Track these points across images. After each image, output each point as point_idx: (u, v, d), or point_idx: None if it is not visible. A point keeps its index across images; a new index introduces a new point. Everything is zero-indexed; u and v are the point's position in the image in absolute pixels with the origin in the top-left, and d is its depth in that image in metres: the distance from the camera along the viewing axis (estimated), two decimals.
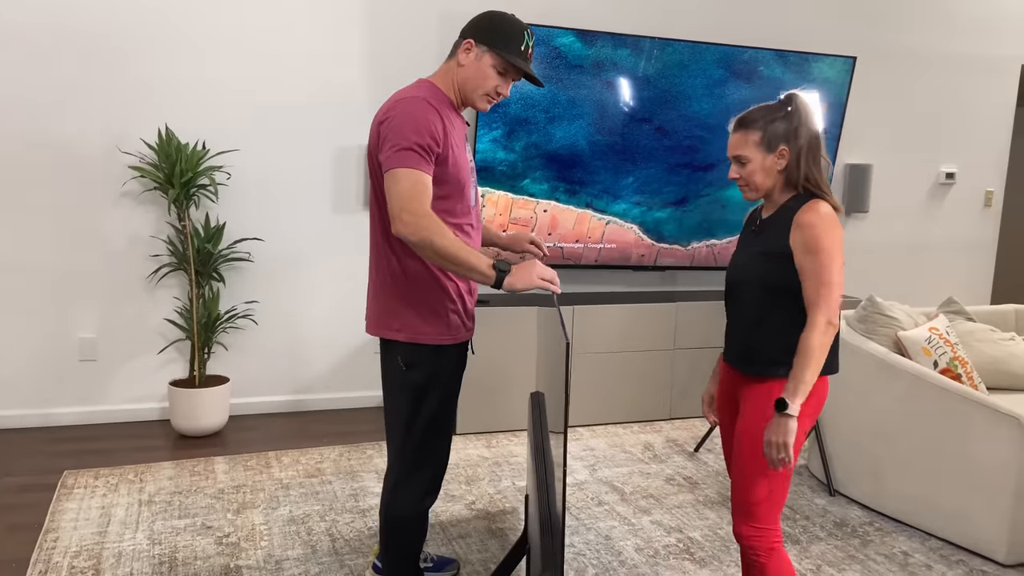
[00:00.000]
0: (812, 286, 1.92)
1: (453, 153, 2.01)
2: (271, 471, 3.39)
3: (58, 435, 3.71)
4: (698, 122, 4.36)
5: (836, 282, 1.91)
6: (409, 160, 1.91)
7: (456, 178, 2.04)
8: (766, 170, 2.02)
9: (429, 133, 1.93)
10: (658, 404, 4.30)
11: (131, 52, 3.70)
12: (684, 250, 4.54)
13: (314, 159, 4.05)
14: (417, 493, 2.13)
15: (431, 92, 2.03)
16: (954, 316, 3.66)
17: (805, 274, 1.93)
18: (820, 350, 1.89)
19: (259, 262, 4.04)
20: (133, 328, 3.88)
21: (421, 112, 1.94)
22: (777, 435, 1.89)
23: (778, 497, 2.00)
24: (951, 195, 5.44)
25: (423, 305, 2.06)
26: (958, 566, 2.82)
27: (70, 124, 3.66)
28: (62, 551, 2.65)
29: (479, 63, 2.04)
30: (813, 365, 1.88)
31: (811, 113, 2.01)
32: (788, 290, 1.97)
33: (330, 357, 4.23)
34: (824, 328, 1.89)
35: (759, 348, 2.02)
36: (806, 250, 1.92)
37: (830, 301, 1.90)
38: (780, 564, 2.00)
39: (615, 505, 3.21)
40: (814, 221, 1.93)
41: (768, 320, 2.00)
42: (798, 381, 1.88)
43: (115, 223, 3.79)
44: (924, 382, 3.00)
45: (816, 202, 1.98)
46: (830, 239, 1.92)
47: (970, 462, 2.88)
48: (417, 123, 1.93)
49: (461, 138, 2.09)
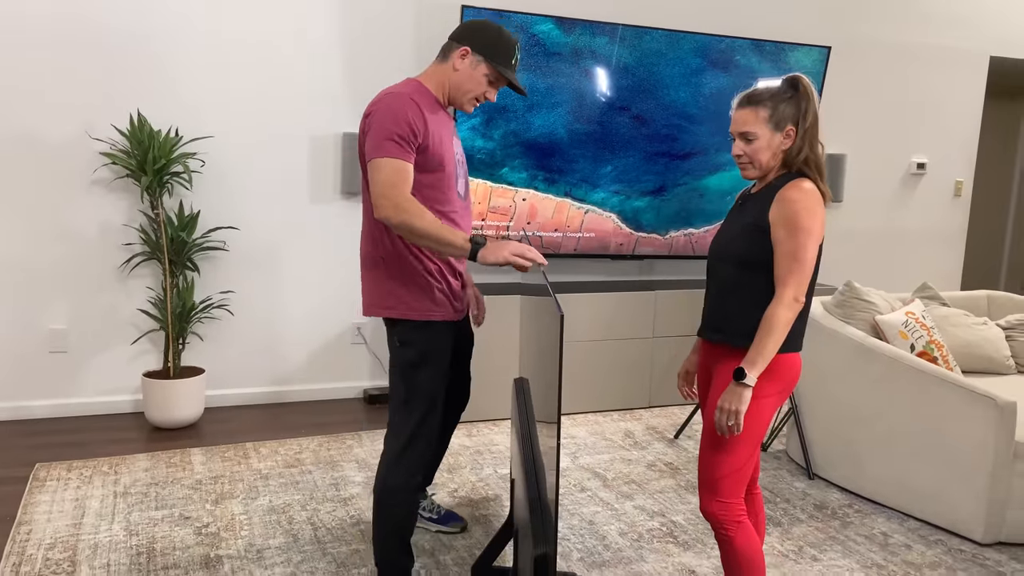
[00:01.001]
0: (784, 262, 1.93)
1: (436, 145, 2.15)
2: (249, 462, 3.34)
3: (29, 428, 3.62)
4: (676, 111, 4.38)
5: (808, 260, 1.93)
6: (390, 149, 2.06)
7: (441, 168, 2.19)
8: (772, 149, 2.02)
9: (408, 124, 2.08)
10: (638, 392, 4.31)
11: (101, 36, 3.62)
12: (662, 239, 4.55)
13: (290, 148, 4.00)
14: (409, 469, 2.21)
15: (416, 89, 2.17)
16: (929, 301, 3.71)
17: (779, 248, 1.95)
18: (783, 325, 1.92)
19: (234, 251, 3.98)
20: (105, 319, 3.80)
21: (401, 106, 2.09)
22: (729, 402, 1.94)
23: (742, 473, 2.03)
24: (922, 185, 5.52)
25: (411, 283, 2.21)
26: (936, 545, 2.86)
27: (39, 110, 3.57)
28: (36, 543, 2.59)
29: (473, 71, 2.21)
30: (775, 338, 1.92)
31: (815, 96, 2.02)
32: (762, 264, 1.98)
33: (307, 348, 4.18)
34: (789, 303, 1.92)
35: (728, 319, 2.04)
36: (783, 225, 1.94)
37: (800, 278, 1.92)
38: (748, 535, 2.05)
39: (598, 491, 3.20)
40: (796, 197, 1.94)
41: (739, 292, 2.02)
42: (757, 352, 1.93)
43: (86, 211, 3.70)
44: (901, 365, 3.04)
45: (802, 180, 1.99)
46: (809, 217, 1.93)
47: (947, 443, 2.92)
48: (397, 116, 2.08)
49: (447, 132, 2.23)
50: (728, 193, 4.64)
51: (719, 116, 4.47)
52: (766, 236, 1.97)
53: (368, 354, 4.31)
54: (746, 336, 2.00)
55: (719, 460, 2.02)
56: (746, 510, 2.08)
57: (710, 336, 2.09)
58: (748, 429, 2.00)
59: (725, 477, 2.02)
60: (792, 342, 2.01)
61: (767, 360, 1.93)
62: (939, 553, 2.80)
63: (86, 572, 2.43)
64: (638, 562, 2.65)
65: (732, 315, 2.03)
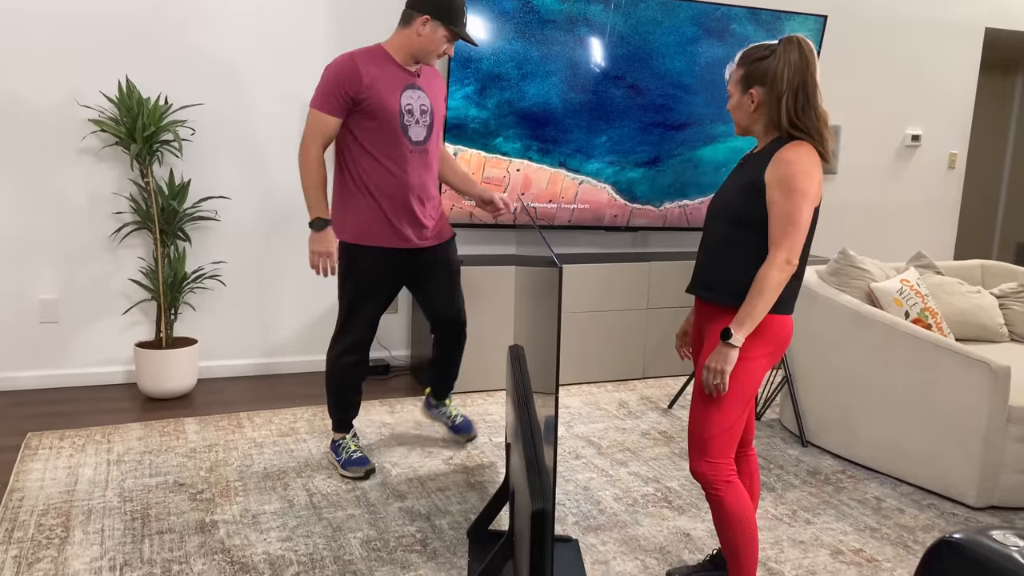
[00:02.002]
0: (778, 223, 1.91)
1: (376, 97, 2.63)
2: (243, 431, 3.33)
3: (20, 399, 3.59)
4: (671, 80, 4.34)
5: (803, 223, 1.91)
6: (316, 102, 2.65)
7: (381, 117, 2.66)
8: (741, 109, 2.04)
9: (337, 83, 2.61)
10: (632, 363, 4.31)
11: (89, 1, 3.56)
12: (657, 211, 4.53)
13: (280, 115, 3.95)
14: (336, 349, 2.87)
15: (366, 52, 2.67)
16: (924, 269, 3.71)
17: (773, 209, 1.92)
18: (774, 287, 1.90)
19: (226, 222, 3.94)
20: (96, 289, 3.77)
21: (336, 67, 2.63)
22: (716, 362, 1.94)
23: (732, 433, 2.03)
24: (917, 157, 5.51)
25: (351, 211, 2.76)
26: (929, 510, 2.88)
27: (25, 75, 3.52)
28: (28, 510, 2.58)
29: (433, 35, 2.67)
30: (764, 300, 1.90)
31: (803, 57, 1.95)
32: (755, 224, 1.96)
33: (300, 319, 4.16)
34: (781, 265, 1.90)
35: (718, 276, 2.03)
36: (778, 186, 1.91)
37: (793, 240, 1.90)
38: (737, 494, 2.05)
39: (592, 458, 3.21)
40: (792, 159, 1.92)
41: (731, 251, 2.01)
42: (747, 313, 1.92)
43: (75, 180, 3.66)
44: (896, 331, 3.04)
45: (800, 143, 1.96)
46: (805, 180, 1.90)
47: (941, 409, 2.93)
48: (330, 76, 2.63)
49: (395, 85, 2.68)
50: (723, 165, 4.62)
51: (714, 86, 4.44)
52: (761, 196, 1.95)
53: None
54: (734, 295, 1.99)
55: (708, 420, 2.02)
56: (736, 470, 2.08)
57: (700, 293, 2.09)
58: (737, 389, 1.99)
59: (714, 437, 2.02)
60: (784, 304, 2.00)
61: (755, 321, 1.92)
62: (932, 517, 2.82)
63: (80, 537, 2.42)
64: (633, 526, 2.66)
65: (722, 273, 2.02)
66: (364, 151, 2.70)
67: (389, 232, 2.75)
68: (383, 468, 3.02)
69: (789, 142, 1.97)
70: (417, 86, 2.75)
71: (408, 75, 2.72)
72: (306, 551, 2.41)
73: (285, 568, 2.31)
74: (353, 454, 2.95)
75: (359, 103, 2.63)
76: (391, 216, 2.74)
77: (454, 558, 2.40)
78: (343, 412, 2.97)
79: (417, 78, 2.76)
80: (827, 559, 2.50)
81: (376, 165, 2.71)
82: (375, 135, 2.67)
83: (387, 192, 2.72)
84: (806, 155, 1.93)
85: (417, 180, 2.77)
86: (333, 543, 2.46)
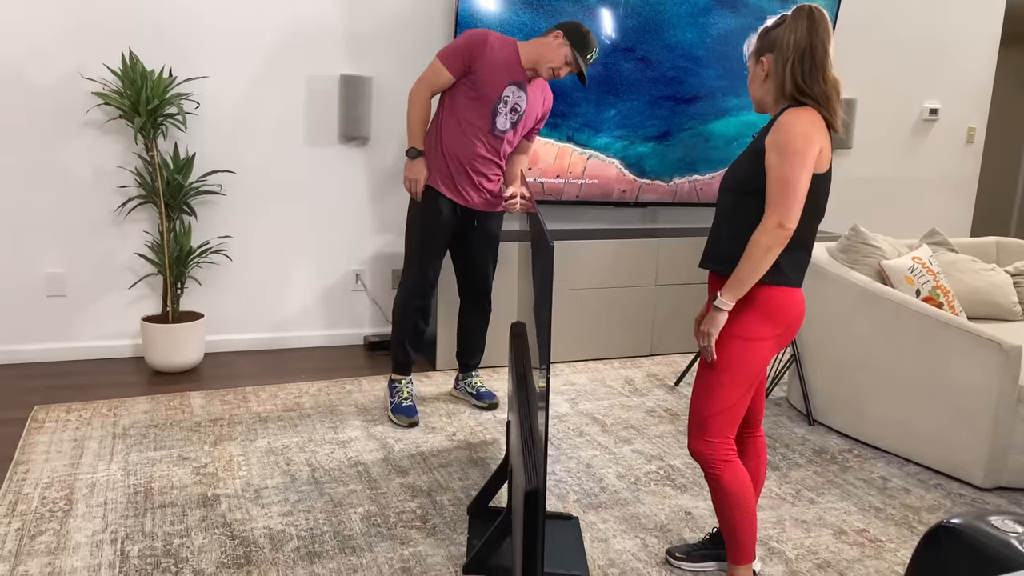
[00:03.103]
0: (774, 186, 1.86)
1: (484, 77, 2.95)
2: (248, 405, 3.34)
3: (28, 372, 3.62)
4: (682, 52, 4.26)
5: (799, 186, 1.85)
6: (442, 55, 2.99)
7: (482, 93, 2.97)
8: (755, 80, 2.01)
9: (466, 48, 2.95)
10: (639, 340, 4.28)
11: None
12: (666, 186, 4.48)
13: (286, 89, 3.92)
14: (404, 291, 3.16)
15: (503, 38, 3.01)
16: (937, 247, 3.65)
17: (770, 173, 1.88)
18: (763, 251, 1.86)
19: (231, 196, 3.92)
20: (103, 263, 3.77)
21: (471, 33, 2.98)
22: (705, 324, 1.95)
23: (733, 413, 2.00)
24: (934, 131, 5.41)
25: (429, 157, 3.10)
26: (936, 490, 2.84)
27: (28, 48, 3.50)
28: (33, 482, 2.60)
29: (559, 51, 2.97)
30: (752, 264, 1.86)
31: (813, 24, 1.89)
32: (757, 192, 1.92)
33: (307, 295, 4.15)
34: (773, 229, 1.85)
35: (718, 245, 2.01)
36: (775, 148, 1.87)
37: (787, 203, 1.85)
38: (735, 473, 2.02)
39: (596, 436, 3.20)
40: (791, 122, 1.87)
41: (734, 221, 1.97)
42: (735, 277, 1.89)
43: (79, 153, 3.65)
44: (906, 310, 2.99)
45: (804, 108, 1.90)
46: (803, 141, 1.84)
47: (950, 388, 2.89)
48: (462, 38, 2.98)
49: (503, 77, 2.98)
50: (735, 139, 4.54)
51: (726, 58, 4.36)
52: (761, 160, 1.91)
53: (368, 301, 4.28)
54: (732, 264, 1.96)
55: (709, 398, 2.00)
56: (735, 450, 2.05)
57: (704, 263, 2.06)
58: (740, 369, 1.96)
59: (713, 416, 2.00)
60: (788, 277, 1.95)
61: (743, 286, 1.88)
62: (938, 497, 2.79)
63: (82, 510, 2.44)
64: (634, 503, 2.65)
65: (725, 242, 1.99)
66: (453, 114, 3.02)
67: (451, 186, 3.07)
68: (386, 444, 3.02)
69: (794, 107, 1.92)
70: (523, 87, 3.03)
71: (521, 74, 3.01)
72: (306, 526, 2.41)
73: (285, 543, 2.32)
74: (404, 401, 3.22)
75: (472, 72, 2.96)
76: (454, 173, 3.06)
77: (453, 534, 2.40)
78: (403, 354, 3.23)
79: (528, 82, 3.03)
80: (829, 539, 2.48)
81: (459, 131, 3.02)
82: (468, 105, 2.99)
83: (457, 156, 3.04)
84: (807, 119, 1.87)
85: (483, 156, 3.05)
86: (333, 518, 2.46)
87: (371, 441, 3.03)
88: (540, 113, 3.16)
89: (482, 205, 3.16)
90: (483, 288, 3.29)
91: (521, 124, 3.09)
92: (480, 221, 3.19)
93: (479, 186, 3.11)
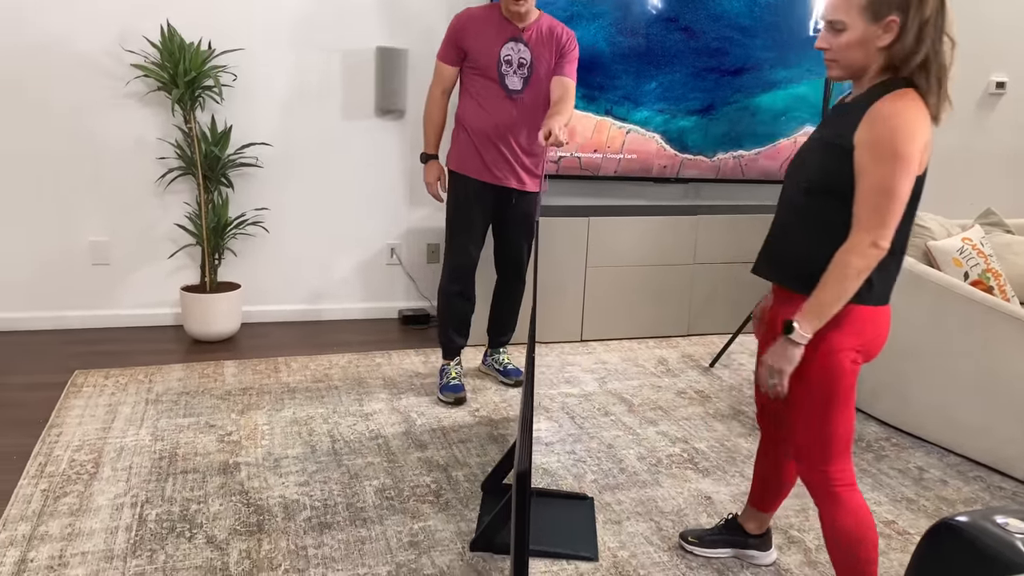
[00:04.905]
0: (868, 196, 1.53)
1: (476, 51, 2.95)
2: (279, 375, 3.38)
3: (71, 338, 3.74)
4: (728, 22, 4.11)
5: (900, 196, 1.53)
6: (438, 52, 3.06)
7: (482, 65, 2.96)
8: (865, 44, 1.58)
9: (448, 36, 3.00)
10: (676, 320, 4.19)
11: None
12: (709, 161, 4.34)
13: (322, 62, 3.91)
14: (446, 276, 3.16)
15: (483, 8, 2.98)
16: (991, 228, 3.45)
17: (863, 178, 1.54)
18: (853, 275, 1.55)
19: (268, 168, 3.96)
20: (144, 232, 3.86)
21: (452, 21, 3.00)
22: (774, 359, 1.63)
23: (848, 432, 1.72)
24: (1001, 106, 5.12)
25: (456, 142, 3.09)
26: (975, 482, 2.71)
27: (72, 21, 3.57)
28: (64, 445, 2.68)
29: None
30: (839, 289, 1.56)
31: None
32: (837, 193, 1.60)
33: (342, 267, 4.18)
34: (865, 250, 1.54)
35: (786, 255, 1.70)
36: (871, 147, 1.53)
37: (885, 219, 1.53)
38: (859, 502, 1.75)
39: (622, 416, 3.14)
40: (892, 114, 1.52)
41: (806, 224, 1.66)
42: (816, 303, 1.58)
43: (121, 124, 3.72)
44: (952, 294, 2.85)
45: (906, 92, 1.56)
46: (907, 141, 1.51)
47: (998, 377, 2.74)
48: (447, 29, 3.01)
49: (496, 38, 2.94)
50: (782, 113, 4.38)
51: (775, 28, 4.19)
52: (848, 159, 1.58)
53: (403, 275, 4.28)
54: (802, 280, 1.66)
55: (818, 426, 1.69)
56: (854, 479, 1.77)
57: (764, 271, 1.76)
58: (831, 390, 1.67)
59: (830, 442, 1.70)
60: (876, 295, 1.64)
61: (825, 315, 1.58)
62: (976, 490, 2.66)
63: (108, 473, 2.51)
64: (653, 486, 2.59)
65: (792, 251, 1.69)
66: (468, 94, 3.02)
67: (480, 166, 3.04)
68: (409, 417, 3.02)
69: (893, 90, 1.57)
70: (521, 39, 2.96)
71: (513, 29, 2.96)
72: (321, 496, 2.43)
73: (298, 512, 2.34)
74: (451, 381, 3.22)
75: (467, 53, 2.97)
76: (483, 152, 3.02)
77: (465, 510, 2.39)
78: (448, 339, 3.24)
79: (523, 32, 2.95)
80: None
81: (475, 106, 3.00)
82: (478, 81, 2.98)
83: (480, 131, 3.00)
84: (912, 108, 1.53)
85: (508, 125, 3.00)
86: (348, 490, 2.48)
87: (394, 415, 3.04)
88: (557, 50, 2.98)
89: (519, 182, 3.08)
90: (517, 266, 3.26)
91: (536, 76, 2.99)
92: (517, 199, 3.13)
93: (513, 160, 3.04)
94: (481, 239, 3.15)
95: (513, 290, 3.33)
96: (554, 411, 3.15)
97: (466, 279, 3.15)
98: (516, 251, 3.23)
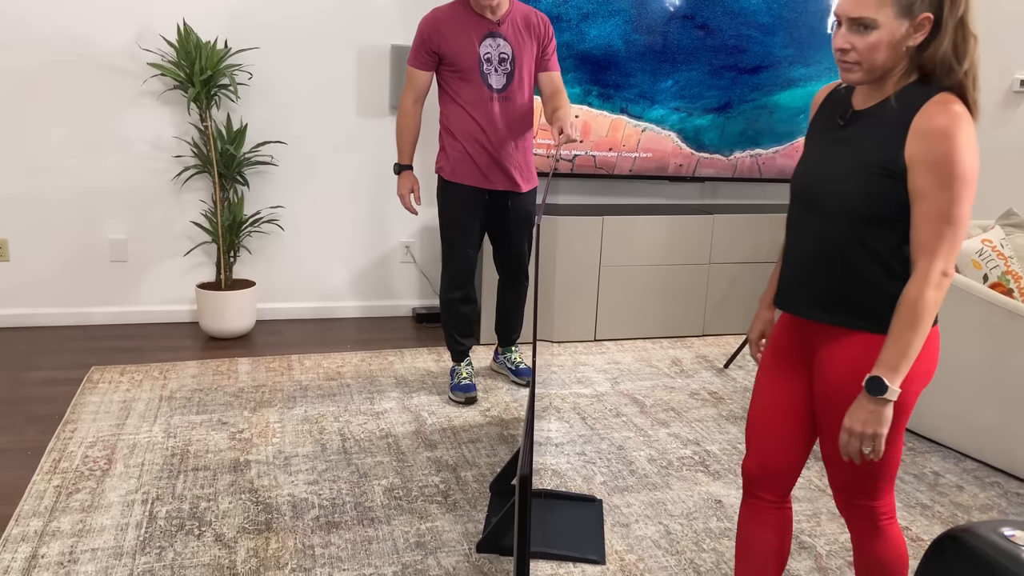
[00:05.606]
0: (930, 222, 1.39)
1: (452, 52, 2.85)
2: (292, 373, 3.40)
3: (89, 334, 3.78)
4: (745, 19, 4.07)
5: (964, 220, 1.40)
6: (408, 59, 2.95)
7: (462, 67, 2.86)
8: (895, 44, 1.42)
9: (421, 39, 2.88)
10: (691, 320, 4.16)
11: None
12: (726, 160, 4.30)
13: (337, 60, 3.92)
14: (444, 284, 3.14)
15: (451, 5, 2.88)
16: (1012, 229, 3.39)
17: (924, 203, 1.40)
18: (931, 311, 1.40)
19: (283, 167, 3.98)
20: (162, 230, 3.89)
21: (421, 24, 2.89)
22: (866, 424, 1.42)
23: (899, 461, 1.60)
24: None
25: (443, 148, 3.01)
26: (992, 488, 2.67)
27: (89, 19, 3.60)
28: (78, 441, 2.71)
29: None
30: (920, 328, 1.40)
31: None
32: (889, 219, 1.46)
33: (357, 265, 4.19)
34: (939, 281, 1.40)
35: (847, 295, 1.52)
36: (930, 169, 1.38)
37: (953, 246, 1.40)
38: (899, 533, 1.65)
39: (633, 417, 3.12)
40: (948, 129, 1.37)
41: (857, 258, 1.50)
42: (900, 353, 1.40)
43: (138, 122, 3.75)
44: (970, 296, 2.80)
45: (947, 98, 1.41)
46: (970, 159, 1.37)
47: (1015, 381, 2.69)
48: (416, 34, 2.90)
49: (472, 37, 2.85)
50: (800, 111, 4.33)
51: (794, 25, 4.14)
52: (900, 182, 1.43)
53: (417, 273, 4.29)
54: (870, 317, 1.50)
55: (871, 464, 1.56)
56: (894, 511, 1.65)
57: (815, 315, 1.55)
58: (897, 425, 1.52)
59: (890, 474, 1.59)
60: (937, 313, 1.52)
61: (912, 360, 1.42)
62: (993, 496, 2.61)
63: (120, 469, 2.53)
64: (663, 489, 2.58)
65: (852, 290, 1.51)
66: (451, 98, 2.93)
67: (472, 171, 2.96)
68: (419, 416, 3.03)
69: (924, 97, 1.43)
70: (498, 34, 2.87)
71: (488, 24, 2.86)
72: (329, 495, 2.44)
73: (306, 511, 2.35)
74: (462, 380, 3.20)
75: (443, 56, 2.86)
76: (474, 157, 2.94)
77: (473, 511, 2.39)
78: (455, 343, 3.23)
79: (499, 26, 2.86)
80: None
81: (460, 111, 2.92)
82: (459, 83, 2.89)
83: (469, 135, 2.92)
84: (964, 118, 1.39)
85: (498, 125, 2.93)
86: (357, 489, 2.49)
87: (405, 413, 3.05)
88: (536, 40, 2.93)
89: (513, 183, 3.03)
90: (519, 265, 3.23)
91: (519, 71, 2.91)
92: (513, 201, 3.07)
93: (506, 161, 2.97)
94: (479, 243, 3.12)
95: (518, 288, 3.30)
96: (565, 411, 3.14)
97: (467, 284, 3.13)
98: (517, 250, 3.19)
